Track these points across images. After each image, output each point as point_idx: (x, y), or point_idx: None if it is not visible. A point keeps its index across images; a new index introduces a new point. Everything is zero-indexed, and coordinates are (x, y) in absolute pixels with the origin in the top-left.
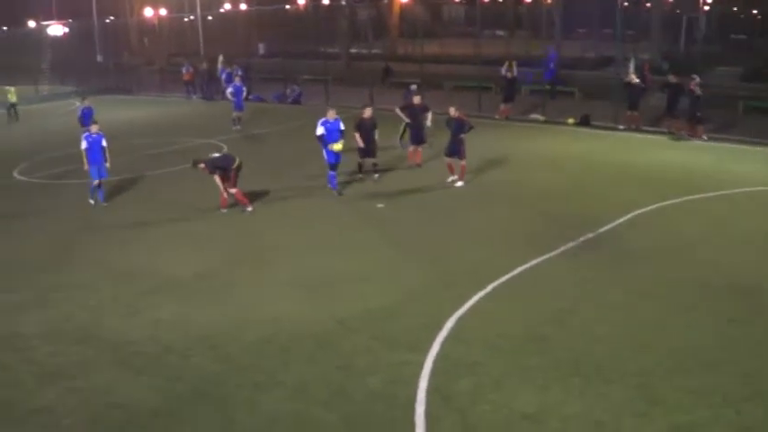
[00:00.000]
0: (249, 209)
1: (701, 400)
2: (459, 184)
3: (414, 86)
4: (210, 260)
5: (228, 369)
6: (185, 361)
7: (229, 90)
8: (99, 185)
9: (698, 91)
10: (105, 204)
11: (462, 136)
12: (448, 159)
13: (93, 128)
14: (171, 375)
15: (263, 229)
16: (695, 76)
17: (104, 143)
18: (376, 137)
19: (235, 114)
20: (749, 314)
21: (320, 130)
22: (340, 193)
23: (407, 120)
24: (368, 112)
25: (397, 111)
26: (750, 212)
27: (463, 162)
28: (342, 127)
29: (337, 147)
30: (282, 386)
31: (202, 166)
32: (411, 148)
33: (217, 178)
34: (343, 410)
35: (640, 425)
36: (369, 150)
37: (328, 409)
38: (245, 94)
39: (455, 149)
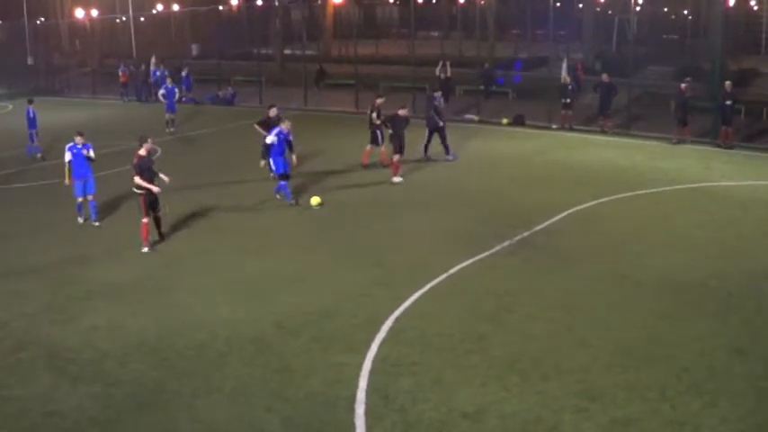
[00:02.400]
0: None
1: (637, 395)
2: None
3: (438, 94)
4: (146, 265)
5: (166, 375)
6: (123, 367)
7: (161, 92)
8: (90, 200)
9: (688, 93)
10: (98, 224)
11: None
12: (397, 157)
13: (78, 138)
14: (109, 382)
15: (197, 232)
16: (688, 78)
17: (92, 153)
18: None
19: (167, 116)
20: (681, 310)
21: (271, 139)
22: (297, 203)
23: (386, 127)
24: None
25: (373, 117)
26: (681, 209)
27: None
28: (291, 137)
29: (315, 201)
30: (221, 391)
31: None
32: (369, 148)
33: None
34: (284, 413)
35: (579, 420)
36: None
37: (269, 412)
38: (177, 95)
39: (401, 145)
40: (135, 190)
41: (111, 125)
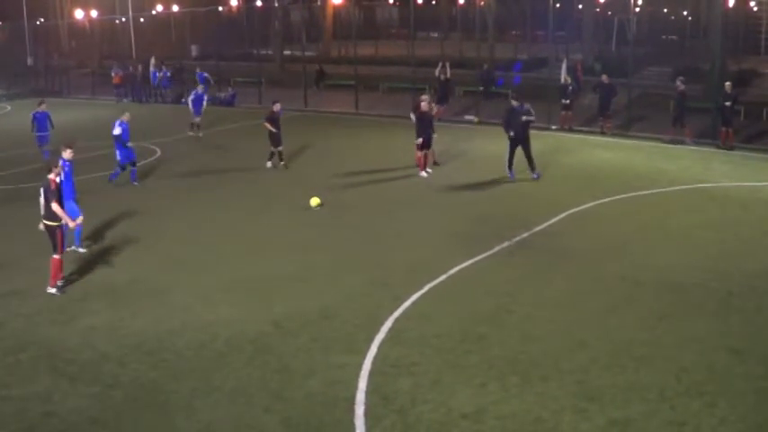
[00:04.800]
0: (50, 290)
1: (636, 396)
2: (427, 172)
3: (515, 102)
4: (144, 265)
5: (165, 375)
6: (121, 368)
7: (191, 98)
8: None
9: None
10: (83, 250)
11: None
12: (427, 151)
13: (67, 153)
14: (107, 382)
15: (196, 232)
16: (681, 77)
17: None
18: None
19: (196, 120)
20: (680, 311)
21: (118, 130)
22: (116, 184)
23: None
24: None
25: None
26: (681, 210)
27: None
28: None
29: (315, 201)
30: (221, 391)
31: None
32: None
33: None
34: (283, 413)
35: (578, 421)
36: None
37: (268, 412)
38: (205, 102)
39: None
40: (47, 222)
41: (108, 126)
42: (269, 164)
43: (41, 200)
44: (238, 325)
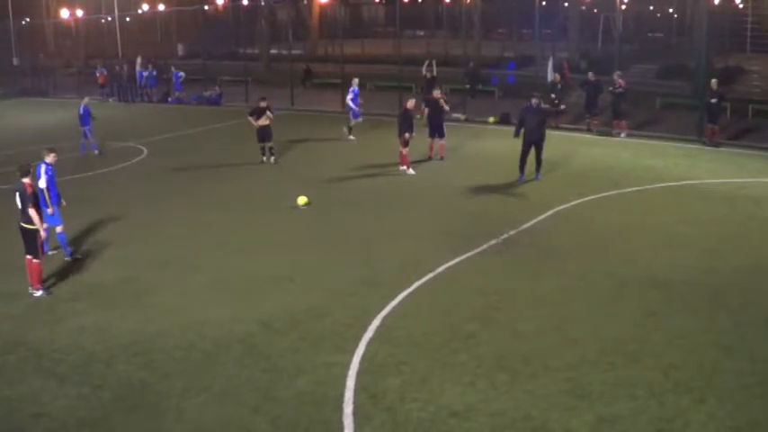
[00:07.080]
0: (38, 293)
1: (625, 392)
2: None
3: (535, 101)
4: (132, 265)
5: (154, 376)
6: (110, 368)
7: (349, 97)
8: (59, 231)
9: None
10: (80, 256)
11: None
12: (406, 150)
13: (51, 157)
14: (96, 383)
15: (183, 232)
16: (619, 72)
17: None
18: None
19: (353, 122)
20: (667, 307)
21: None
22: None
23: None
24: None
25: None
26: (667, 207)
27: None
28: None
29: (302, 200)
30: (209, 391)
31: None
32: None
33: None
34: (273, 413)
35: (567, 418)
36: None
37: (257, 412)
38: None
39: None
40: (26, 225)
41: (94, 126)
42: (263, 159)
43: (18, 204)
44: (227, 325)
